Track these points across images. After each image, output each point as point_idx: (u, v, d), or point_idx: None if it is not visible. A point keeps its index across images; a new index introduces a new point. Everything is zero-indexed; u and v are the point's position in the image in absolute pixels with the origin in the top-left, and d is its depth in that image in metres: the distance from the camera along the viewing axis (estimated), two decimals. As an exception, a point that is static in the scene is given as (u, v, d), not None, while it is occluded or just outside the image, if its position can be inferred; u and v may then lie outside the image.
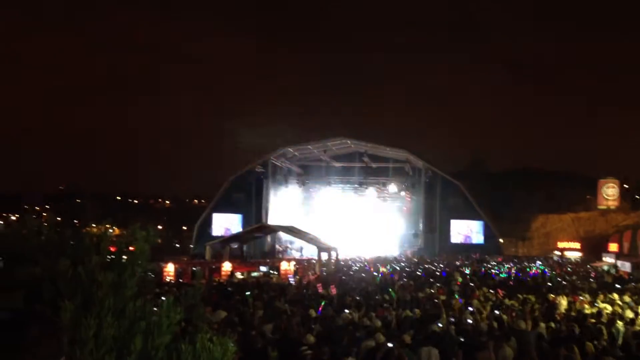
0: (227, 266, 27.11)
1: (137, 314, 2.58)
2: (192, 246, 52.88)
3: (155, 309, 2.76)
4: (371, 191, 52.02)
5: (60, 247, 3.07)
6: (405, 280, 22.73)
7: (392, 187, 51.46)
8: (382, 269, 28.66)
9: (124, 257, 2.99)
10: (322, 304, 13.94)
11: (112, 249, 3.22)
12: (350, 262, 36.84)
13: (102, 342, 2.39)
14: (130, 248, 3.07)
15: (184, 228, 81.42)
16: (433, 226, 51.87)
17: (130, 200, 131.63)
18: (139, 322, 2.53)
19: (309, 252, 39.24)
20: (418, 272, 28.38)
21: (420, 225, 51.79)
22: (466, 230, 52.35)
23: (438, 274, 27.63)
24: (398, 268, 30.87)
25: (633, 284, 21.97)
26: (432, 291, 17.79)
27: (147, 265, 3.20)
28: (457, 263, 36.14)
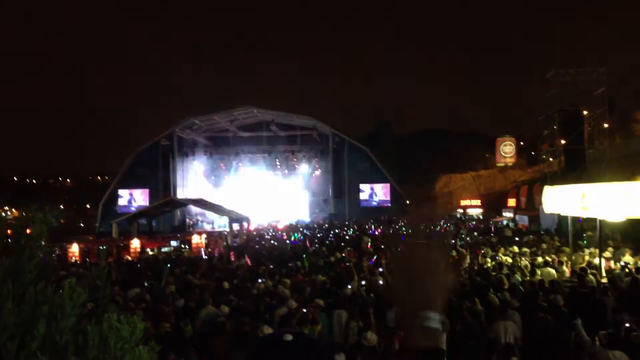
0: (135, 243, 26.45)
1: (39, 298, 2.48)
2: (97, 224, 51.06)
3: (61, 291, 2.67)
4: (281, 159, 52.13)
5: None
6: (317, 246, 23.08)
7: (301, 155, 51.85)
8: (294, 237, 28.95)
9: (22, 240, 2.86)
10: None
11: (8, 232, 3.07)
12: (262, 232, 36.96)
13: (2, 329, 2.29)
14: (27, 231, 2.94)
15: (88, 206, 78.57)
16: (342, 191, 52.84)
17: (29, 180, 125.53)
18: (41, 306, 2.44)
19: (221, 223, 38.97)
20: (329, 238, 28.94)
21: (330, 191, 52.60)
22: (374, 194, 53.69)
23: (348, 238, 28.26)
24: (310, 234, 31.26)
25: (531, 236, 23.22)
26: (343, 255, 18.14)
27: (47, 247, 3.08)
28: (367, 226, 37.03)
